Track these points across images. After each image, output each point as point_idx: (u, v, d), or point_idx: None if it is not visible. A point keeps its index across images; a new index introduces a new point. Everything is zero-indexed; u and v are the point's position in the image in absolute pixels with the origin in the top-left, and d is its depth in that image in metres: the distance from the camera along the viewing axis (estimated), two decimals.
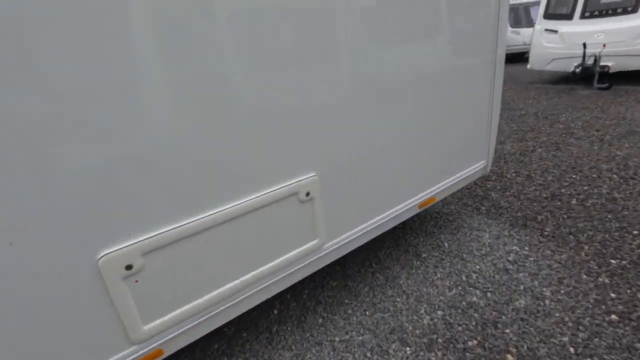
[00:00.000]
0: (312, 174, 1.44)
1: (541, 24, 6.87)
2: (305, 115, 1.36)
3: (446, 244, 2.32)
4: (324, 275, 2.15)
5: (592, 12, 6.22)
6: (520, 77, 8.14)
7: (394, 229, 2.55)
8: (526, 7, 10.91)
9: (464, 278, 1.99)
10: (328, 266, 2.22)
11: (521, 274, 1.97)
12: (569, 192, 2.82)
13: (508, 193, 2.92)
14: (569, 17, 6.50)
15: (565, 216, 2.49)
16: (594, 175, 3.04)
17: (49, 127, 0.87)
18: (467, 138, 2.13)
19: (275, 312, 1.91)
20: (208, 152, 1.14)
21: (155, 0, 0.96)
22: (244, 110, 1.19)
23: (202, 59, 1.07)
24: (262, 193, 1.30)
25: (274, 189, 1.32)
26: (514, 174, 3.26)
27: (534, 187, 2.97)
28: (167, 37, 0.99)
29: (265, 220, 1.35)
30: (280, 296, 2.00)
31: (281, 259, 1.45)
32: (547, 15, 6.82)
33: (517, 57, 11.11)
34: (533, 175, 3.20)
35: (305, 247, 1.51)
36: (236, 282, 1.34)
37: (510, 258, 2.11)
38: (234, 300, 1.36)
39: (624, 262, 1.98)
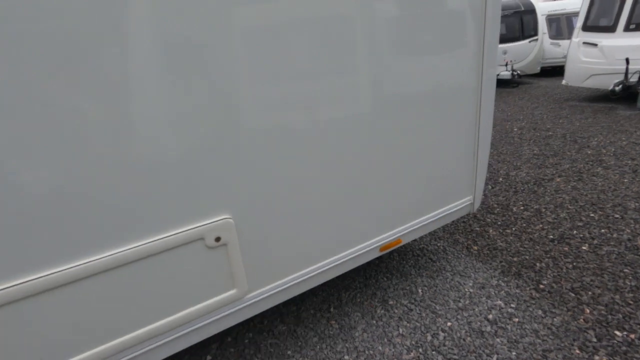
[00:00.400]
0: (224, 217, 1.24)
1: (579, 36, 6.28)
2: (213, 144, 1.16)
3: (420, 291, 2.02)
4: (275, 317, 1.93)
5: (638, 24, 5.58)
6: (555, 93, 7.51)
7: (368, 264, 2.29)
8: (568, 17, 10.14)
9: (429, 338, 1.69)
10: (283, 305, 2.01)
11: (498, 340, 1.64)
12: (581, 235, 2.41)
13: (509, 231, 2.56)
14: (611, 29, 5.88)
15: (570, 266, 2.11)
16: (617, 216, 2.60)
17: None
18: (445, 170, 1.84)
19: (209, 358, 1.71)
20: (70, 189, 0.97)
21: None
22: (125, 135, 1.01)
23: (84, 90, 0.91)
24: (150, 240, 1.11)
25: (166, 235, 1.13)
26: (522, 208, 2.88)
27: (540, 226, 2.58)
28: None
29: (159, 269, 1.16)
30: (220, 337, 1.81)
31: (186, 311, 1.25)
32: (587, 27, 6.22)
33: (557, 71, 10.34)
34: (544, 210, 2.80)
35: (219, 298, 1.31)
36: (125, 337, 1.16)
37: (490, 316, 1.79)
38: (124, 357, 1.18)
39: (632, 335, 1.60)
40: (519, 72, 8.71)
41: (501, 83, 9.30)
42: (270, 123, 1.26)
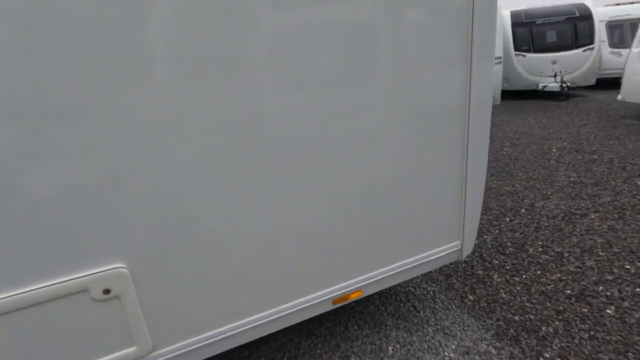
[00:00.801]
0: (115, 266, 1.06)
1: None
2: (100, 179, 0.99)
3: (390, 349, 1.72)
4: None
5: None
6: (610, 109, 6.67)
7: (342, 307, 2.03)
8: (633, 24, 9.03)
9: None
10: (235, 349, 1.81)
11: None
12: (608, 293, 1.97)
13: (517, 278, 2.16)
14: None
15: (585, 335, 1.70)
16: None
17: None
18: (418, 211, 1.54)
19: None
20: None
21: None
22: None
23: None
24: (19, 292, 0.96)
25: (37, 287, 0.98)
26: (540, 249, 2.45)
27: (559, 275, 2.16)
28: None
29: (37, 324, 1.01)
30: None
31: None
32: None
33: (617, 83, 9.26)
34: (567, 255, 2.36)
35: (115, 355, 1.13)
36: None
37: None
38: None
39: None
40: (568, 84, 7.88)
41: (548, 95, 8.50)
42: (180, 152, 1.06)
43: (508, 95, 8.55)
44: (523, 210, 3.06)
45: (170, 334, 1.20)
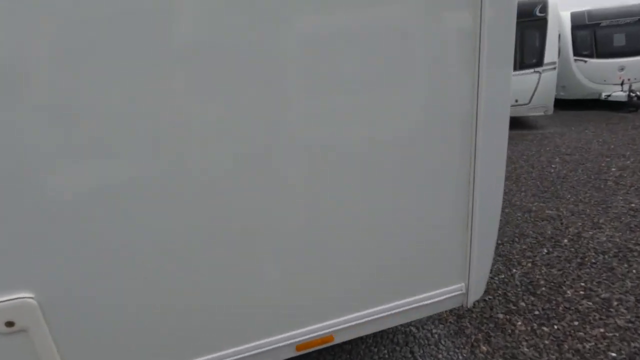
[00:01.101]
0: (20, 296, 0.92)
1: None
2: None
3: None
4: None
5: None
6: None
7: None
8: None
9: None
10: None
11: None
12: None
13: (547, 329, 1.77)
14: None
15: None
16: None
17: None
18: (410, 244, 1.26)
19: None
20: None
21: None
22: None
23: None
24: None
25: None
26: (582, 293, 2.02)
27: (602, 330, 1.74)
28: None
29: None
30: None
31: None
32: None
33: None
34: (616, 303, 1.91)
35: None
36: None
37: None
38: None
39: None
40: (638, 93, 6.94)
41: (613, 106, 7.54)
42: (105, 165, 0.91)
43: (565, 104, 7.73)
44: (566, 240, 2.60)
45: None
